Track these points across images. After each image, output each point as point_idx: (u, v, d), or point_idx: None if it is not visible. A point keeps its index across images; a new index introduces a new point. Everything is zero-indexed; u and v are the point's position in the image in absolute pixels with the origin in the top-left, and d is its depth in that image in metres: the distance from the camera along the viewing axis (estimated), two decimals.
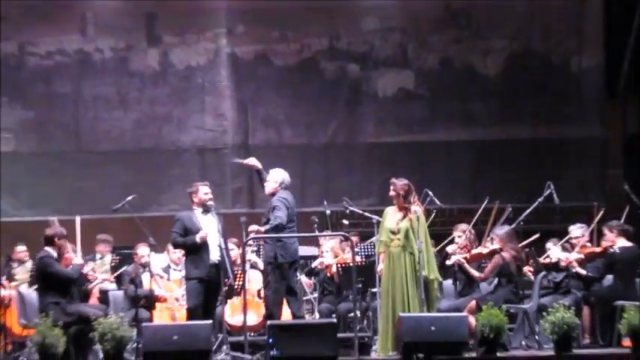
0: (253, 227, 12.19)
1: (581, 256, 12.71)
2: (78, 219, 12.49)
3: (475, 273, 12.60)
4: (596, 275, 12.75)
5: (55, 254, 11.96)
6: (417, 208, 11.79)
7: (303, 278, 13.34)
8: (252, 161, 12.40)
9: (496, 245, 12.50)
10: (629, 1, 17.71)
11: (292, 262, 12.23)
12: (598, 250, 12.74)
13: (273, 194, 12.23)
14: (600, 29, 17.81)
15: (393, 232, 11.67)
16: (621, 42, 17.80)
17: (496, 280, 12.56)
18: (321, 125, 17.62)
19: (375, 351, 11.78)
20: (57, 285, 11.88)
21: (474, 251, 12.69)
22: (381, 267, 11.72)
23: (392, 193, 11.77)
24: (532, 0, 17.63)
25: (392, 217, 11.78)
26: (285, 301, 12.29)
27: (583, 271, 12.68)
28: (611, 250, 12.60)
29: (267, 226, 12.22)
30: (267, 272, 12.25)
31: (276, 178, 12.38)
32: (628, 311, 11.48)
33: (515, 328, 12.27)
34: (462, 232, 12.92)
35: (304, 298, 12.99)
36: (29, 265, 13.57)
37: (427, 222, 12.06)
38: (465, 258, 12.63)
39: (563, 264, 12.82)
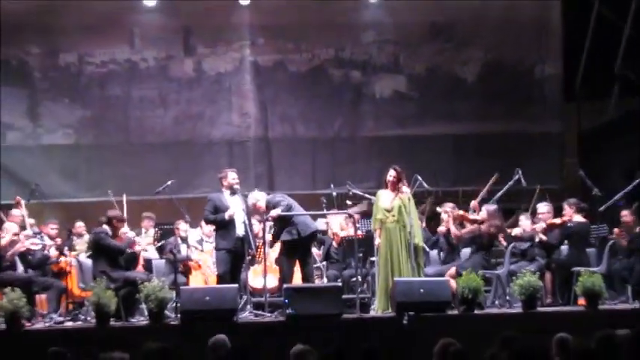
0: (274, 211, 12.30)
1: (544, 225, 12.75)
2: (124, 198, 12.63)
3: (456, 231, 12.59)
4: (554, 243, 12.78)
5: (110, 232, 12.05)
6: (407, 189, 11.89)
7: (314, 249, 13.33)
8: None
9: (483, 215, 12.53)
10: (583, 21, 17.69)
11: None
12: (558, 222, 12.76)
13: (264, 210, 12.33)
14: (559, 43, 17.75)
15: (388, 211, 11.72)
16: (576, 54, 17.78)
17: (469, 250, 12.62)
18: (329, 121, 17.54)
19: (373, 309, 11.81)
20: (107, 255, 11.95)
21: (462, 212, 12.73)
22: (378, 241, 11.74)
23: (394, 177, 11.82)
24: (503, 19, 17.58)
25: (385, 198, 11.83)
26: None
27: (545, 238, 12.72)
28: (569, 223, 12.62)
29: (280, 208, 12.30)
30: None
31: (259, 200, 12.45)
32: (582, 275, 11.53)
33: (489, 290, 12.29)
34: (449, 208, 12.96)
35: (314, 265, 12.96)
36: (86, 237, 13.59)
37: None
38: (453, 217, 12.66)
39: (529, 231, 12.85)
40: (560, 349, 6.98)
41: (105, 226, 12.19)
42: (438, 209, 13.16)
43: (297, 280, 12.32)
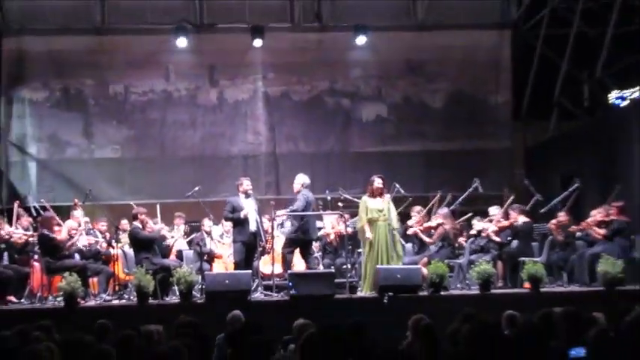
0: (280, 212, 12.46)
1: (496, 228, 12.76)
2: (158, 206, 12.67)
3: (427, 239, 12.63)
4: (505, 241, 12.78)
5: (140, 225, 12.07)
6: (387, 195, 11.93)
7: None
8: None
9: (440, 220, 12.55)
10: (528, 59, 17.75)
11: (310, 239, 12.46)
12: (506, 224, 12.77)
13: (298, 192, 12.30)
14: (509, 77, 17.79)
15: (380, 211, 11.72)
16: (523, 86, 17.84)
17: (439, 244, 12.62)
18: (324, 140, 17.57)
19: (360, 290, 11.79)
20: (144, 245, 11.97)
21: (425, 225, 12.73)
22: (369, 234, 11.68)
23: (381, 184, 11.83)
24: (464, 57, 17.58)
25: (374, 202, 11.81)
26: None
27: (497, 238, 12.73)
28: (516, 223, 12.63)
29: (287, 210, 12.35)
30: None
31: (300, 180, 12.45)
32: (527, 264, 11.58)
33: (453, 275, 12.30)
34: (417, 212, 12.98)
35: (313, 255, 12.96)
36: None
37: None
38: (420, 229, 12.69)
39: (483, 234, 12.89)
40: (510, 323, 6.99)
41: (135, 223, 12.19)
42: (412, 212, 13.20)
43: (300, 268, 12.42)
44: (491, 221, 13.00)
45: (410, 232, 12.80)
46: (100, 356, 5.06)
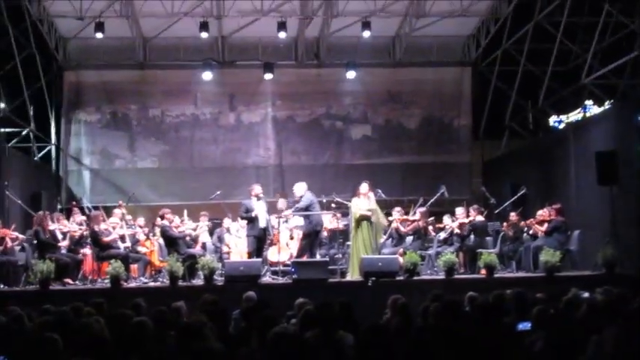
0: (286, 212, 12.43)
1: (458, 223, 12.67)
2: (185, 211, 12.60)
3: (402, 229, 12.53)
4: (465, 234, 12.64)
5: (168, 223, 11.98)
6: (372, 196, 11.85)
7: None
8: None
9: (417, 217, 12.47)
10: (485, 90, 17.76)
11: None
12: (467, 221, 12.67)
13: (301, 196, 12.21)
14: (469, 105, 17.83)
15: (370, 210, 11.65)
16: (481, 111, 17.84)
17: (411, 238, 12.54)
18: (321, 154, 17.56)
19: (349, 275, 11.73)
20: (171, 242, 11.88)
21: (404, 217, 12.64)
22: (365, 212, 11.63)
23: (367, 188, 11.76)
24: (433, 88, 17.63)
25: (363, 202, 11.74)
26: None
27: (459, 231, 12.62)
28: (474, 221, 12.56)
29: (294, 209, 12.25)
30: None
31: (303, 186, 12.34)
32: (483, 255, 11.52)
33: (424, 264, 12.22)
34: (397, 211, 12.86)
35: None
36: None
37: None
38: (399, 220, 12.55)
39: (447, 228, 12.79)
40: (470, 303, 6.94)
41: (164, 221, 12.09)
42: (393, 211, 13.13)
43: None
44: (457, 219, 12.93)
45: (393, 225, 12.66)
46: (137, 327, 5.00)
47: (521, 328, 5.58)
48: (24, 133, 16.65)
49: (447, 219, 13.01)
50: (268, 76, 16.51)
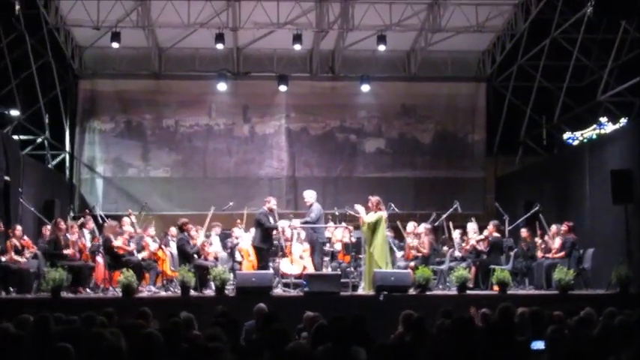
0: (294, 223, 12.40)
1: (475, 239, 12.56)
2: (208, 216, 12.53)
3: (424, 250, 12.34)
4: (485, 251, 12.50)
5: (186, 235, 11.96)
6: (383, 213, 11.75)
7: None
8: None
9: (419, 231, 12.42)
10: (500, 105, 17.74)
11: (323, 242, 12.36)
12: (483, 237, 12.59)
13: (311, 204, 12.20)
14: (484, 120, 17.83)
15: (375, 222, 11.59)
16: (495, 127, 17.84)
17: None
18: (334, 167, 17.56)
19: (362, 289, 11.66)
20: (186, 256, 11.83)
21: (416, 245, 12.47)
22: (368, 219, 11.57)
23: (370, 203, 11.70)
24: (447, 102, 17.64)
25: (369, 215, 11.66)
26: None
27: (480, 247, 12.49)
28: (491, 237, 12.48)
29: (303, 221, 12.25)
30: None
31: (312, 195, 12.36)
32: (497, 271, 11.42)
33: (436, 279, 12.16)
34: (412, 227, 12.78)
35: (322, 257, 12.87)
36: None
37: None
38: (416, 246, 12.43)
39: (472, 242, 12.63)
40: (484, 319, 6.89)
41: (183, 234, 12.05)
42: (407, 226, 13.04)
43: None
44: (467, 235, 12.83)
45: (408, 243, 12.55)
46: (148, 338, 4.98)
47: (535, 348, 5.53)
48: (39, 140, 16.79)
49: (470, 227, 12.88)
50: (283, 88, 16.56)
